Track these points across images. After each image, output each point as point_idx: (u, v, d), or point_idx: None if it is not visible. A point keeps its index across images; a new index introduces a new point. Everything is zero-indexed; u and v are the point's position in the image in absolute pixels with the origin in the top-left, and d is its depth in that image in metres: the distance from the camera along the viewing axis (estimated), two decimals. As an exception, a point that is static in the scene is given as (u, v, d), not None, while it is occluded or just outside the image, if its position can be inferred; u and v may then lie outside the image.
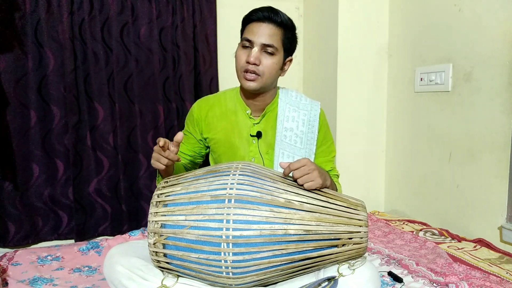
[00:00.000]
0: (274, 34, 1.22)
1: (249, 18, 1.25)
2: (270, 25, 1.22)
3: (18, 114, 1.86)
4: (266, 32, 1.21)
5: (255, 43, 1.21)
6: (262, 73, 1.22)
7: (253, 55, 1.20)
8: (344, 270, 1.01)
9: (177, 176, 1.11)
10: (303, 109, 1.36)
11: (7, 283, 1.31)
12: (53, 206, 1.96)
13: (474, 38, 1.68)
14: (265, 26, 1.21)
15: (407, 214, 2.11)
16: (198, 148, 1.40)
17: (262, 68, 1.22)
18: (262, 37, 1.21)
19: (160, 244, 1.00)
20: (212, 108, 1.36)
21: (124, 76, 2.02)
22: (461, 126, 1.76)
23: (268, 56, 1.22)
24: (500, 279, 1.27)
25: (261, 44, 1.21)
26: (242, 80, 1.25)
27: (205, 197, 0.99)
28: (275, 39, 1.22)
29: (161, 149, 1.05)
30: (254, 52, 1.21)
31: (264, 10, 1.23)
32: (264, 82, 1.24)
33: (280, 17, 1.23)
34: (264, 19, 1.22)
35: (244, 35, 1.25)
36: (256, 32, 1.21)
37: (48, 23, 1.87)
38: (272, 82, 1.28)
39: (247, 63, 1.21)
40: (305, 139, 1.33)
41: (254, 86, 1.24)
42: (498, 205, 1.60)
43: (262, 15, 1.22)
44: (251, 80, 1.23)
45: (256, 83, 1.23)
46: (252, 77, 1.22)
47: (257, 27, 1.22)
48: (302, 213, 0.98)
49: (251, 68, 1.21)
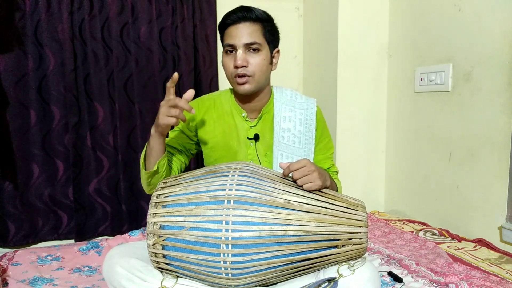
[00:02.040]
0: (254, 31, 1.20)
1: (224, 23, 1.23)
2: (247, 23, 1.20)
3: (18, 114, 1.87)
4: (244, 31, 1.19)
5: (237, 45, 1.19)
6: (253, 73, 1.20)
7: (239, 58, 1.18)
8: (344, 271, 1.01)
9: (176, 176, 1.11)
10: (299, 108, 1.34)
11: (7, 283, 1.31)
12: (53, 206, 1.96)
13: (474, 38, 1.68)
14: (242, 26, 1.19)
15: (407, 214, 2.11)
16: (188, 145, 1.35)
17: (252, 68, 1.20)
18: (243, 37, 1.19)
19: (159, 245, 1.00)
20: (209, 111, 1.33)
21: (124, 76, 2.02)
22: (461, 126, 1.76)
23: (254, 54, 1.20)
24: (500, 279, 1.26)
25: (244, 45, 1.19)
26: (236, 86, 1.23)
27: (204, 198, 0.99)
28: (256, 35, 1.20)
29: (169, 100, 1.04)
30: (239, 54, 1.19)
31: (236, 11, 1.21)
32: (257, 81, 1.22)
33: (254, 13, 1.21)
34: (239, 19, 1.20)
35: (225, 42, 1.22)
36: (235, 35, 1.19)
37: (48, 23, 1.87)
38: (265, 79, 1.26)
39: (236, 68, 1.20)
40: (303, 138, 1.32)
41: (249, 88, 1.22)
42: (498, 205, 1.60)
43: (236, 17, 1.20)
44: (244, 83, 1.21)
45: (250, 85, 1.22)
46: (243, 80, 1.20)
47: (234, 30, 1.20)
48: (302, 214, 0.98)
49: (240, 71, 1.19)
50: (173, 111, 1.07)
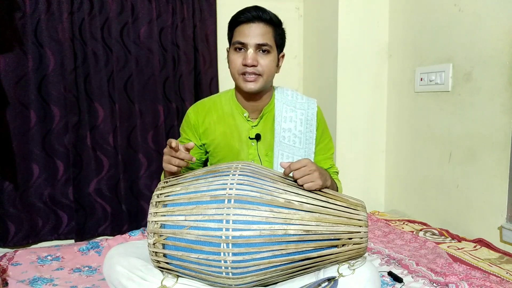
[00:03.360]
0: (266, 33, 1.20)
1: (236, 21, 1.22)
2: (261, 24, 1.20)
3: (18, 114, 1.87)
4: (258, 32, 1.19)
5: (249, 44, 1.19)
6: (262, 73, 1.21)
7: (250, 57, 1.19)
8: (344, 270, 1.01)
9: (176, 176, 1.11)
10: (300, 108, 1.34)
11: (7, 283, 1.31)
12: (53, 206, 1.96)
13: (474, 38, 1.68)
14: (255, 26, 1.19)
15: (407, 214, 2.11)
16: (198, 154, 1.35)
17: (261, 68, 1.21)
18: (255, 37, 1.19)
19: (159, 244, 1.00)
20: (209, 113, 1.33)
21: (124, 76, 2.02)
22: (461, 126, 1.76)
23: (264, 56, 1.21)
24: (500, 279, 1.27)
25: (256, 45, 1.19)
26: (242, 83, 1.23)
27: (204, 197, 0.99)
28: (268, 37, 1.20)
29: (171, 150, 1.03)
30: (250, 53, 1.19)
31: (251, 10, 1.20)
32: (264, 81, 1.23)
33: (268, 14, 1.21)
34: (254, 19, 1.19)
35: (236, 39, 1.22)
36: (248, 33, 1.19)
37: (48, 23, 1.87)
38: (271, 80, 1.27)
39: (245, 66, 1.20)
40: (304, 138, 1.32)
41: (256, 87, 1.22)
42: (498, 205, 1.60)
43: (251, 15, 1.19)
44: (252, 81, 1.21)
45: (258, 84, 1.22)
46: (252, 78, 1.21)
47: (247, 28, 1.20)
48: (302, 213, 0.98)
49: (250, 69, 1.20)
50: (174, 161, 1.05)
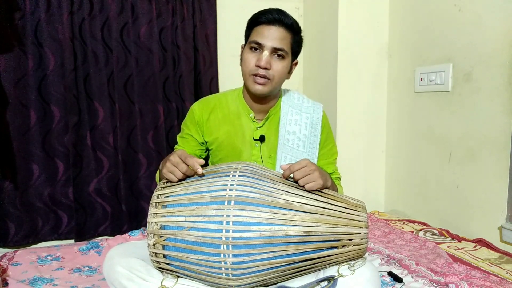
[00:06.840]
0: (285, 38, 1.18)
1: (257, 20, 1.20)
2: (281, 28, 1.18)
3: (18, 114, 1.87)
4: (276, 35, 1.17)
5: (265, 46, 1.17)
6: (272, 77, 1.19)
7: (264, 60, 1.17)
8: (344, 271, 1.01)
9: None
10: (306, 112, 1.34)
11: (7, 283, 1.31)
12: (53, 206, 1.96)
13: (474, 38, 1.68)
14: (275, 30, 1.17)
15: (407, 214, 2.11)
16: (199, 151, 1.35)
17: (273, 73, 1.19)
18: (273, 40, 1.17)
19: (159, 245, 1.00)
20: (214, 111, 1.32)
21: (124, 76, 2.02)
22: (461, 126, 1.76)
23: (278, 60, 1.19)
24: (500, 279, 1.27)
25: (272, 48, 1.17)
26: (251, 84, 1.21)
27: (204, 198, 0.99)
28: (285, 43, 1.19)
29: (179, 163, 1.02)
30: (265, 56, 1.17)
31: (273, 12, 1.18)
32: (273, 86, 1.21)
33: (289, 19, 1.19)
34: (275, 21, 1.17)
35: (253, 38, 1.19)
36: (267, 35, 1.17)
37: (48, 23, 1.87)
38: (280, 86, 1.26)
39: (257, 67, 1.18)
40: (308, 142, 1.32)
41: (264, 90, 1.21)
42: (498, 205, 1.60)
43: (272, 18, 1.17)
44: (261, 84, 1.19)
45: (266, 87, 1.20)
46: (262, 81, 1.19)
47: (267, 30, 1.18)
48: (302, 214, 0.98)
49: (261, 72, 1.18)
50: (178, 174, 1.04)
